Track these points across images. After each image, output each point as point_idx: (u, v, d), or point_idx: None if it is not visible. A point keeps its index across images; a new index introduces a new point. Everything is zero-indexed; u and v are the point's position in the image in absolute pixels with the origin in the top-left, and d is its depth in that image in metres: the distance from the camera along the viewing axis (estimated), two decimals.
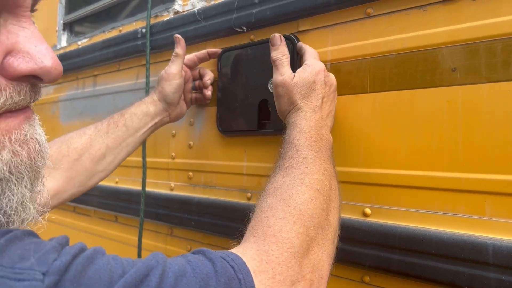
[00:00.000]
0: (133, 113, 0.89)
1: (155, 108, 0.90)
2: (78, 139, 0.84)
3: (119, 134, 0.87)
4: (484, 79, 0.63)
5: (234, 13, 0.95)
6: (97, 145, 0.85)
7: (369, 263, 0.71)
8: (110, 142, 0.86)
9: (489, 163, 0.61)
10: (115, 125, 0.87)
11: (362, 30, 0.76)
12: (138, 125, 0.89)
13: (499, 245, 0.58)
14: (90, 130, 0.86)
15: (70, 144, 0.83)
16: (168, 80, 0.90)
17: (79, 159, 0.83)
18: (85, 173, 0.84)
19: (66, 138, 0.85)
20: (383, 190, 0.72)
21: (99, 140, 0.85)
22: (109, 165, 0.88)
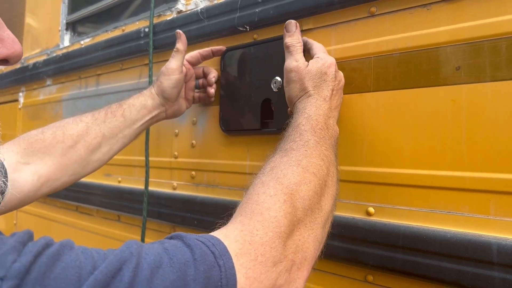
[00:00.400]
0: (131, 104, 0.87)
1: (153, 101, 0.90)
2: (74, 125, 0.82)
3: (116, 124, 0.85)
4: (488, 78, 0.62)
5: (237, 12, 0.95)
6: (93, 134, 0.82)
7: (373, 262, 0.71)
8: (107, 132, 0.84)
9: (494, 162, 0.61)
10: (113, 115, 0.85)
11: (365, 29, 0.76)
12: (135, 116, 0.87)
13: (503, 244, 0.58)
14: (87, 118, 0.84)
15: (65, 130, 0.81)
16: (167, 74, 0.90)
17: (74, 146, 0.80)
18: (79, 162, 0.82)
19: (62, 124, 0.83)
20: (387, 189, 0.72)
21: (95, 128, 0.83)
22: (103, 155, 0.86)
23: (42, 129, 0.80)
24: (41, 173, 0.76)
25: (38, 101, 1.81)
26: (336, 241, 0.76)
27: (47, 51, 1.75)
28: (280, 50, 0.87)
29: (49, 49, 1.76)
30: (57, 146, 0.79)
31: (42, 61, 1.74)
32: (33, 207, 1.79)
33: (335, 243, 0.76)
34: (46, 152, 0.77)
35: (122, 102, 0.88)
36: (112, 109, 0.86)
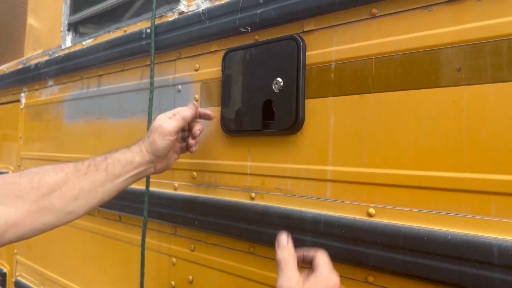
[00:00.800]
0: (116, 159, 0.84)
1: (141, 158, 0.86)
2: (53, 174, 0.79)
3: (98, 178, 0.81)
4: (489, 79, 0.62)
5: (239, 13, 0.96)
6: (71, 184, 0.79)
7: (373, 263, 0.71)
8: (86, 185, 0.80)
9: (495, 163, 0.61)
10: (95, 168, 0.82)
11: (367, 30, 0.76)
12: (119, 172, 0.84)
13: (504, 246, 0.58)
14: (68, 168, 0.81)
15: (43, 178, 0.77)
16: (162, 134, 0.86)
17: (48, 194, 0.77)
18: (50, 211, 0.78)
19: (42, 170, 0.79)
20: (388, 190, 0.72)
21: (74, 180, 0.79)
22: (79, 208, 0.81)
23: (20, 173, 0.78)
24: (9, 216, 0.73)
25: (40, 101, 1.81)
26: (337, 242, 0.76)
27: (49, 52, 1.76)
28: (281, 52, 0.88)
29: (51, 49, 1.76)
30: (31, 192, 0.75)
31: (44, 62, 1.74)
32: None
33: (336, 244, 0.76)
34: (19, 196, 0.74)
35: (108, 156, 0.85)
36: (96, 162, 0.83)
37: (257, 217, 0.89)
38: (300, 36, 0.86)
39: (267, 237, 0.87)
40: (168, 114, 0.90)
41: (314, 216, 0.80)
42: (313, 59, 0.84)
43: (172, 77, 1.17)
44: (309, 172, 0.84)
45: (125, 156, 0.85)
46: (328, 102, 0.81)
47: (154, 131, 0.87)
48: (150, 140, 0.87)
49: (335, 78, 0.80)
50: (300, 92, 0.84)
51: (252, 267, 0.93)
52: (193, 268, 1.08)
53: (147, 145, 0.87)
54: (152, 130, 0.88)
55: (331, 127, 0.81)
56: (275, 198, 0.89)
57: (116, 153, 0.86)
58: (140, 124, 1.26)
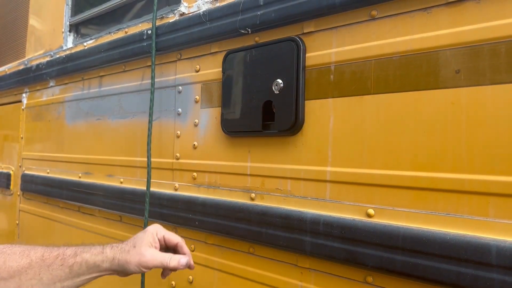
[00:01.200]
0: (85, 260, 0.81)
1: (110, 266, 0.83)
2: (18, 258, 0.78)
3: (59, 273, 0.80)
4: (488, 81, 0.63)
5: (239, 15, 0.96)
6: (31, 274, 0.78)
7: (372, 264, 0.71)
8: (46, 277, 0.79)
9: (493, 165, 0.61)
10: (61, 262, 0.80)
11: (366, 32, 0.77)
12: (83, 272, 0.82)
13: (502, 246, 0.59)
14: (36, 253, 0.80)
15: (7, 260, 0.78)
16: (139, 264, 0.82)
17: (7, 279, 0.77)
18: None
19: (9, 250, 0.79)
20: (387, 191, 0.73)
21: (36, 270, 0.78)
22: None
23: None
24: None
25: (41, 102, 1.82)
26: (336, 242, 0.76)
27: (51, 53, 1.77)
28: (282, 53, 0.88)
29: (52, 50, 1.77)
30: None
31: (46, 63, 1.75)
32: (36, 207, 1.80)
33: (335, 244, 0.76)
34: None
35: (79, 251, 0.82)
36: (65, 255, 0.81)
37: (257, 217, 0.90)
38: (300, 37, 0.86)
39: (267, 237, 0.87)
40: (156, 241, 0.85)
41: (313, 217, 0.80)
42: (313, 61, 0.84)
43: (173, 78, 1.17)
44: (308, 173, 0.84)
45: (94, 259, 0.82)
46: (328, 104, 0.82)
47: (134, 253, 0.83)
48: (123, 261, 0.83)
49: (335, 79, 0.81)
50: (300, 93, 0.85)
51: (252, 267, 0.94)
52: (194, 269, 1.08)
53: (121, 261, 0.83)
54: (132, 246, 0.83)
55: (330, 128, 0.81)
56: (275, 199, 0.90)
57: (88, 253, 0.82)
58: (141, 125, 1.27)
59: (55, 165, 1.69)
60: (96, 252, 0.83)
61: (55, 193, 1.62)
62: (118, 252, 0.83)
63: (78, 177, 1.53)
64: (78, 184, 1.50)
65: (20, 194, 1.94)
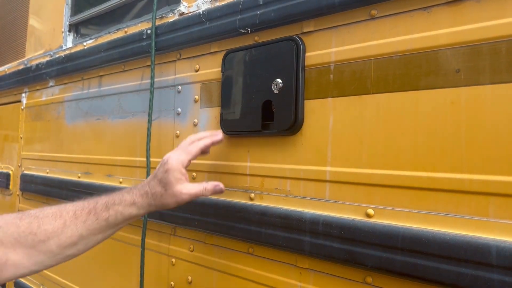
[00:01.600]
0: (119, 212, 0.83)
1: (146, 211, 0.86)
2: (52, 220, 0.79)
3: (97, 227, 0.82)
4: (488, 80, 0.63)
5: (239, 14, 0.96)
6: (69, 232, 0.79)
7: (372, 264, 0.71)
8: (85, 232, 0.81)
9: (493, 164, 0.61)
10: (96, 217, 0.81)
11: (366, 32, 0.77)
12: (120, 222, 0.84)
13: (502, 247, 0.58)
14: (68, 214, 0.80)
15: (41, 224, 0.78)
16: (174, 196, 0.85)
17: (45, 241, 0.78)
18: (49, 255, 0.79)
19: (41, 215, 0.80)
20: (386, 191, 0.72)
21: (73, 228, 0.80)
22: (77, 251, 0.83)
23: (22, 214, 0.79)
24: (9, 257, 0.76)
25: (41, 102, 1.82)
26: (335, 242, 0.76)
27: (50, 52, 1.77)
28: (281, 53, 0.88)
29: (52, 50, 1.77)
30: (28, 237, 0.77)
31: (45, 62, 1.75)
32: (35, 207, 1.79)
33: (334, 245, 0.76)
34: (17, 239, 0.76)
35: (110, 204, 0.83)
36: (97, 210, 0.82)
37: (256, 217, 0.89)
38: (299, 37, 0.86)
39: (266, 237, 0.87)
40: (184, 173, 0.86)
41: (313, 217, 0.80)
42: (313, 60, 0.84)
43: (172, 77, 1.17)
44: (308, 173, 0.84)
45: (129, 210, 0.84)
46: (327, 103, 0.81)
47: (168, 196, 0.85)
48: (161, 203, 0.86)
49: (334, 79, 0.81)
50: (299, 93, 0.85)
51: (251, 268, 0.93)
52: (193, 269, 1.08)
53: (158, 206, 0.86)
54: (163, 189, 0.85)
55: (330, 128, 0.81)
56: (274, 199, 0.89)
57: (120, 205, 0.83)
58: (140, 125, 1.27)
59: (55, 165, 1.69)
60: (128, 202, 0.84)
61: (55, 193, 1.61)
62: (152, 199, 0.85)
63: (78, 177, 1.53)
64: (77, 184, 1.50)
65: (19, 194, 1.94)
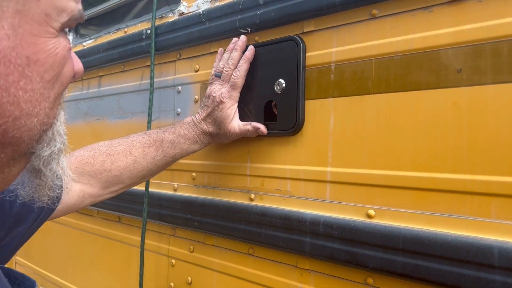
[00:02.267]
0: (184, 150, 0.92)
1: (204, 146, 0.95)
2: (123, 157, 0.87)
3: (164, 162, 0.91)
4: (490, 80, 0.62)
5: (239, 14, 0.96)
6: (139, 167, 0.88)
7: (373, 265, 0.71)
8: (153, 167, 0.90)
9: (495, 165, 0.61)
10: (163, 155, 0.89)
11: (367, 31, 0.76)
12: (185, 155, 0.94)
13: (505, 248, 0.58)
14: (137, 150, 0.88)
15: (114, 161, 0.87)
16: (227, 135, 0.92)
17: (119, 176, 0.87)
18: (122, 185, 0.89)
19: (112, 151, 0.87)
20: (387, 191, 0.72)
21: (143, 164, 0.88)
22: (146, 179, 0.95)
23: (94, 153, 0.86)
24: (86, 191, 0.85)
25: None
26: (336, 243, 0.75)
27: None
28: (282, 53, 0.88)
29: None
30: (104, 173, 0.86)
31: None
32: None
33: (335, 246, 0.75)
34: (94, 176, 0.85)
35: (175, 143, 0.90)
36: (163, 148, 0.89)
37: (256, 218, 0.89)
38: (300, 37, 0.85)
39: (267, 238, 0.87)
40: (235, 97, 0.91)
41: (313, 218, 0.79)
42: (313, 60, 0.84)
43: (172, 78, 1.17)
44: (308, 173, 0.83)
45: (193, 148, 0.93)
46: (328, 103, 0.81)
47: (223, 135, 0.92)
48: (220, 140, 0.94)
49: (335, 79, 0.80)
50: (300, 93, 0.84)
51: (251, 269, 0.93)
52: (192, 269, 1.08)
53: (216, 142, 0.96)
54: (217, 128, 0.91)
55: (330, 128, 0.80)
56: (274, 199, 0.89)
57: (185, 144, 0.91)
58: (140, 125, 1.26)
59: None
60: (192, 141, 0.92)
61: None
62: (210, 137, 0.93)
63: None
64: None
65: None
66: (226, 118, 0.90)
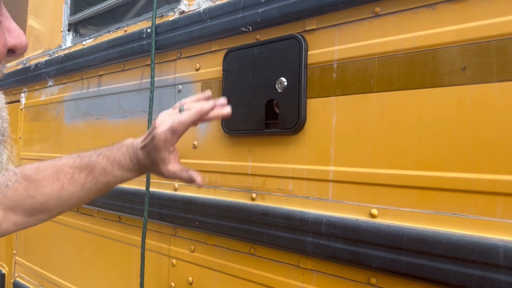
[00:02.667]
0: (119, 177, 0.83)
1: (139, 175, 0.86)
2: (49, 183, 0.79)
3: (95, 189, 0.82)
4: (494, 78, 0.62)
5: (240, 12, 0.95)
6: (67, 195, 0.80)
7: (376, 265, 0.70)
8: (84, 195, 0.82)
9: (500, 163, 0.60)
10: (94, 181, 0.81)
11: (369, 29, 0.76)
12: (118, 183, 0.85)
13: (510, 247, 0.57)
14: (65, 176, 0.80)
15: (38, 187, 0.79)
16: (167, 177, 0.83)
17: (44, 203, 0.79)
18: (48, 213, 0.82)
19: (37, 176, 0.80)
20: (391, 190, 0.71)
21: (71, 191, 0.80)
22: (75, 206, 0.87)
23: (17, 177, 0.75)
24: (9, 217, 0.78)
25: (40, 101, 1.81)
26: (339, 243, 0.75)
27: (49, 52, 1.75)
28: (283, 51, 0.87)
29: (51, 49, 1.76)
30: (27, 200, 0.78)
31: (44, 62, 1.73)
32: None
33: (338, 245, 0.75)
34: (16, 202, 0.78)
35: (108, 170, 0.81)
36: (95, 174, 0.81)
37: (258, 218, 0.88)
38: (301, 35, 0.85)
39: (268, 238, 0.86)
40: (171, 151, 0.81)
41: (316, 217, 0.79)
42: (315, 59, 0.83)
43: (173, 77, 1.16)
44: (310, 173, 0.83)
45: (127, 175, 0.84)
46: (330, 102, 0.80)
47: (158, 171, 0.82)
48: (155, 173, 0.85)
49: (337, 77, 0.80)
50: (302, 92, 0.84)
51: (252, 269, 0.92)
52: (193, 269, 1.07)
53: (148, 170, 0.85)
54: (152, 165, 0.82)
55: (333, 127, 0.80)
56: (276, 199, 0.88)
57: (119, 171, 0.82)
58: (140, 124, 1.26)
59: None
60: (126, 169, 0.83)
61: None
62: (145, 168, 0.84)
63: None
64: None
65: None
66: (159, 160, 0.81)
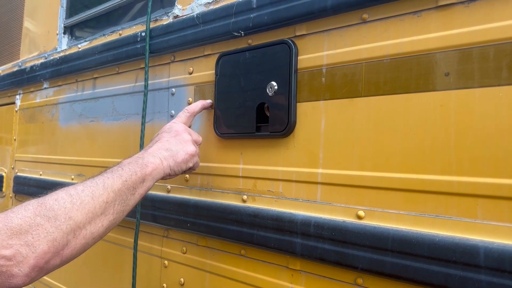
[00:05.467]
0: (144, 195, 0.84)
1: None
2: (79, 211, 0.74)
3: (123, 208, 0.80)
4: (476, 84, 0.63)
5: (233, 17, 0.97)
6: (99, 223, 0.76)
7: (362, 266, 0.71)
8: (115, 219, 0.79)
9: (481, 167, 0.62)
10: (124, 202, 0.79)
11: (357, 35, 0.77)
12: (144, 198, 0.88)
13: (490, 248, 0.59)
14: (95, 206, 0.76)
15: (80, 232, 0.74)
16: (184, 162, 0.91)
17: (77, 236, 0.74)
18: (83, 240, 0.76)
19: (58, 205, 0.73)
20: (377, 192, 0.73)
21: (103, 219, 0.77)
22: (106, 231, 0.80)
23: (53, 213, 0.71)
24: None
25: (34, 104, 1.81)
26: (326, 244, 0.76)
27: (45, 54, 1.76)
28: (274, 56, 0.89)
29: (46, 52, 1.77)
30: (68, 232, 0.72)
31: (40, 64, 1.74)
32: None
33: (325, 246, 0.76)
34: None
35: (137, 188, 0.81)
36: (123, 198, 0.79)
37: (248, 219, 0.90)
38: (292, 40, 0.87)
39: (258, 239, 0.87)
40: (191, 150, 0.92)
41: (304, 218, 0.80)
42: (305, 63, 0.85)
43: (166, 80, 1.17)
44: (300, 175, 0.84)
45: (150, 189, 0.86)
46: (319, 106, 0.82)
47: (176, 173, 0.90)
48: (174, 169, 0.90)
49: (326, 82, 0.81)
50: (292, 96, 0.85)
51: (243, 270, 0.93)
52: (185, 271, 1.08)
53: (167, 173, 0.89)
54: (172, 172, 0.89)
55: (321, 130, 0.81)
56: (266, 201, 0.90)
57: (142, 188, 0.83)
58: (134, 127, 1.27)
59: (48, 167, 1.68)
60: (149, 184, 0.84)
61: None
62: (168, 175, 0.90)
63: (71, 179, 1.52)
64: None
65: (12, 196, 1.93)
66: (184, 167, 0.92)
